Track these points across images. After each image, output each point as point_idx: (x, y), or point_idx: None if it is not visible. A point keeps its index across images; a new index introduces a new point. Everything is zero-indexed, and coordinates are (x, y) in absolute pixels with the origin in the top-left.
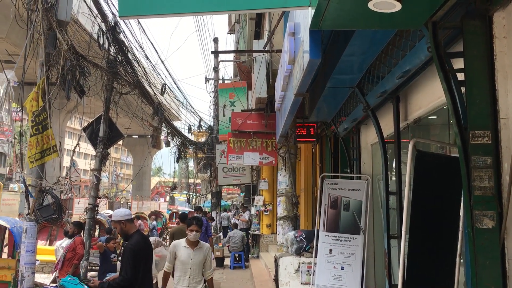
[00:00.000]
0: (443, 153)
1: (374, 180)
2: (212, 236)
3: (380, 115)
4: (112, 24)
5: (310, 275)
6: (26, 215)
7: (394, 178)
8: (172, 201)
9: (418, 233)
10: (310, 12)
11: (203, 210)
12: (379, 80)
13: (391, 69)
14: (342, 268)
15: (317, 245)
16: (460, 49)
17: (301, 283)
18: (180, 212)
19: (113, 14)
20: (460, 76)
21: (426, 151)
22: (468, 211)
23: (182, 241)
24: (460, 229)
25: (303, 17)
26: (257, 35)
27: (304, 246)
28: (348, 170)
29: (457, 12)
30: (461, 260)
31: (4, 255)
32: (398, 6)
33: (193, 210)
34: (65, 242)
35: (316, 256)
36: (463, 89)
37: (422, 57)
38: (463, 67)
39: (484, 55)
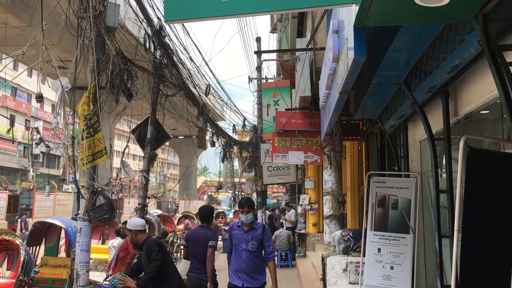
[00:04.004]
0: (496, 149)
1: (423, 178)
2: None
3: (428, 111)
4: (158, 28)
5: (358, 274)
6: (76, 215)
7: (444, 176)
8: (211, 200)
9: (471, 232)
10: (354, 9)
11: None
12: (427, 75)
13: (439, 64)
14: (392, 267)
15: (365, 244)
16: None
17: (349, 283)
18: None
19: (158, 18)
20: None
21: (478, 147)
22: None
23: None
24: None
25: (347, 13)
26: (300, 34)
27: (351, 245)
28: (396, 168)
29: (509, 3)
30: None
31: (62, 254)
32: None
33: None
34: (116, 241)
35: (364, 255)
36: None
37: (472, 50)
38: None
39: None
